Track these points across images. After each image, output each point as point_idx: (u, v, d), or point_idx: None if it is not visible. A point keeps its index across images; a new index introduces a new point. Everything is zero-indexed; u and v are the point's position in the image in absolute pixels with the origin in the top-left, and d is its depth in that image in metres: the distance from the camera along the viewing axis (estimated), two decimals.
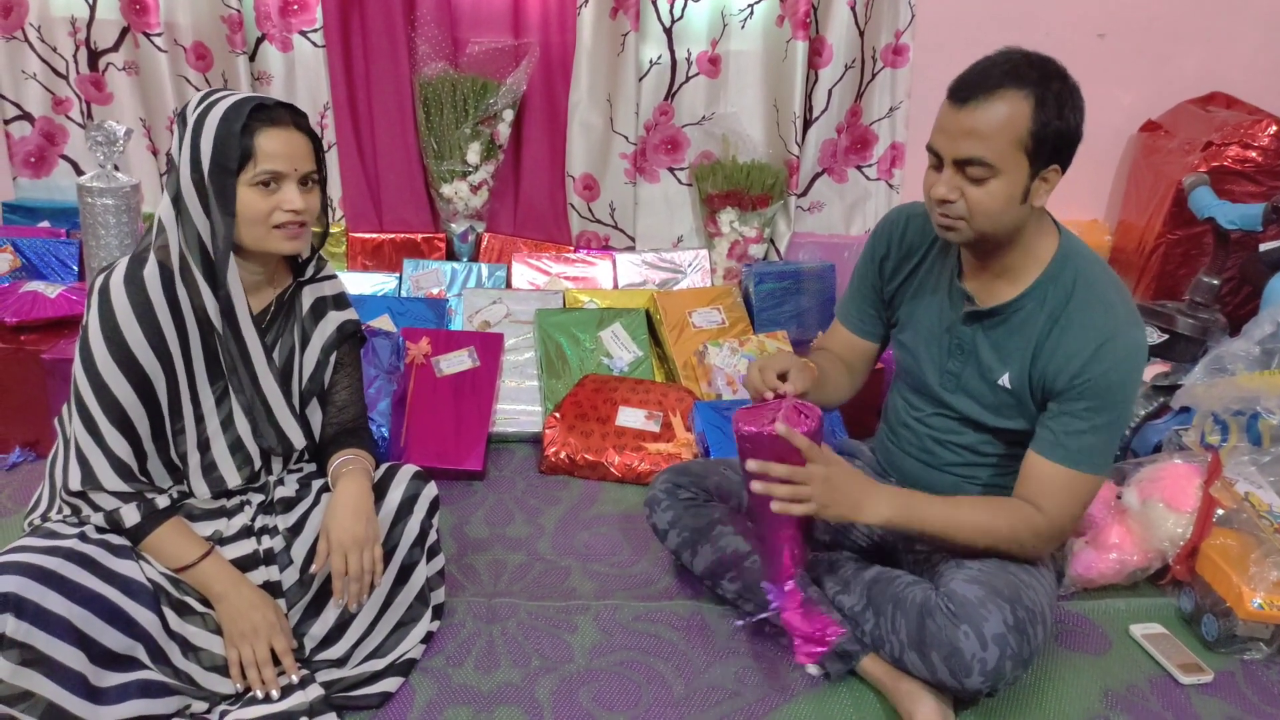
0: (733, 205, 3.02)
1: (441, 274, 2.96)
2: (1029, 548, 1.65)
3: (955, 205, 1.57)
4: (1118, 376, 1.58)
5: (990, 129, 1.50)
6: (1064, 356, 1.60)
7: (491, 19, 2.95)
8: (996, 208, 1.55)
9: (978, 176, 1.53)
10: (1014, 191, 1.54)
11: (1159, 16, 3.16)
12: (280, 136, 1.50)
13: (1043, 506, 1.62)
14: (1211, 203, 2.69)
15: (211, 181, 1.47)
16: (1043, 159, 1.54)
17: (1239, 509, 2.00)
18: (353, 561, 1.55)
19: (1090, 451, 1.60)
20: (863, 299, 1.89)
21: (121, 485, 1.51)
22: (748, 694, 1.71)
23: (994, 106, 1.50)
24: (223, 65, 2.86)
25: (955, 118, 1.53)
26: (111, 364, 1.48)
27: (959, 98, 1.53)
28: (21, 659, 1.37)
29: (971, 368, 1.72)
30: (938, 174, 1.59)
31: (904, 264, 1.82)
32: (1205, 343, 2.58)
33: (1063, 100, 1.52)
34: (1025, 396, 1.67)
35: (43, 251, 2.74)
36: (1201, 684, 1.80)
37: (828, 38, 2.99)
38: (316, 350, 1.69)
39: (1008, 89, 1.50)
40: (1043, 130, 1.51)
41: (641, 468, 2.42)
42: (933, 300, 1.78)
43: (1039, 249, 1.65)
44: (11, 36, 2.81)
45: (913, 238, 1.81)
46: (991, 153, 1.51)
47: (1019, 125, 1.50)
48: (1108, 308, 1.60)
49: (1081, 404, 1.59)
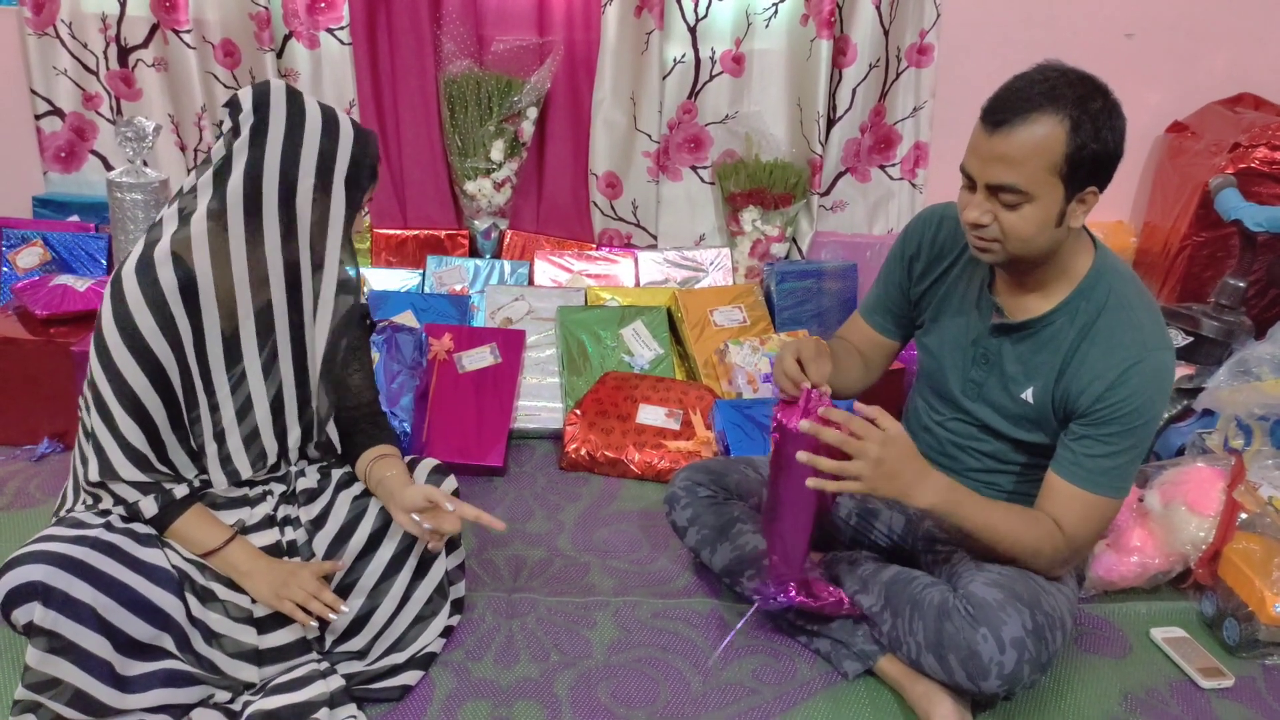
0: (755, 204, 3.02)
1: (464, 270, 2.97)
2: (1044, 565, 1.62)
3: (989, 229, 1.53)
4: (1141, 401, 1.54)
5: (1022, 155, 1.46)
6: (1089, 376, 1.56)
7: (516, 17, 2.96)
8: (1030, 232, 1.51)
9: (1011, 203, 1.49)
10: (1049, 216, 1.50)
11: (1187, 16, 3.13)
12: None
13: (1062, 526, 1.60)
14: (1238, 204, 2.66)
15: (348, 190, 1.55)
16: (1079, 182, 1.49)
17: (1262, 513, 1.98)
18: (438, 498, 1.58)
19: (1110, 474, 1.57)
20: (888, 297, 1.86)
21: (139, 475, 1.52)
22: (765, 692, 1.72)
23: (1027, 131, 1.45)
24: (250, 62, 2.88)
25: (988, 142, 1.48)
26: (126, 352, 1.48)
27: (992, 121, 1.48)
28: (49, 646, 1.39)
29: (995, 379, 1.69)
30: (971, 195, 1.54)
31: (934, 266, 1.78)
32: (1230, 345, 2.56)
33: (1100, 121, 1.46)
34: (1047, 412, 1.64)
35: (72, 245, 2.77)
36: (1222, 688, 1.79)
37: (852, 37, 2.98)
38: (326, 329, 1.69)
39: (1042, 112, 1.45)
40: (1079, 154, 1.46)
41: (661, 465, 2.42)
42: (961, 307, 1.75)
43: (1074, 265, 1.61)
44: (44, 33, 2.84)
45: (945, 240, 1.76)
46: (1024, 179, 1.47)
47: (1053, 151, 1.45)
48: (1137, 329, 1.56)
49: (1104, 428, 1.56)
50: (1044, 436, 1.67)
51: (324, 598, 1.57)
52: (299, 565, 1.61)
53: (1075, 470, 1.58)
